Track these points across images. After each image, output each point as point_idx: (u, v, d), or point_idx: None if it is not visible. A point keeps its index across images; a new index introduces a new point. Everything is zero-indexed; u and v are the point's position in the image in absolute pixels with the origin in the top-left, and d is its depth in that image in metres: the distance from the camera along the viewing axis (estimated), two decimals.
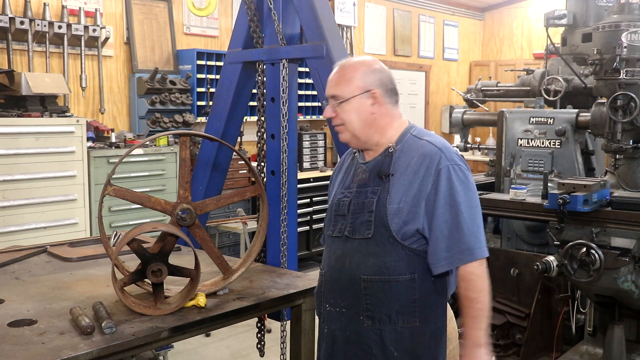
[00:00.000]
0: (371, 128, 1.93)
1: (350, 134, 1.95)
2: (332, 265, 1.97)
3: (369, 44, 8.37)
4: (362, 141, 1.96)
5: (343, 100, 1.91)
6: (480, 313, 1.83)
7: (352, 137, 1.95)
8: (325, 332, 2.00)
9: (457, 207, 1.81)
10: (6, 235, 4.21)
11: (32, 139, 4.34)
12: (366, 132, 1.94)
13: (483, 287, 1.83)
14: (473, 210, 1.84)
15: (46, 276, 2.53)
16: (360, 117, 1.92)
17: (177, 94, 5.78)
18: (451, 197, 1.82)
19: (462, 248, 1.80)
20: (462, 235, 1.80)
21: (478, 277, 1.82)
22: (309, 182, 6.62)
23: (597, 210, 3.06)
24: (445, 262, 1.82)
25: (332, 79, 1.95)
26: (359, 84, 1.91)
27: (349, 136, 1.95)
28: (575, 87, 4.46)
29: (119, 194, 2.17)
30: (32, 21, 4.90)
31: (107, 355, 1.81)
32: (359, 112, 1.92)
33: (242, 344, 4.57)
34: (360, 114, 1.92)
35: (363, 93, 1.91)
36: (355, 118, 1.92)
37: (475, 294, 1.82)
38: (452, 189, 1.82)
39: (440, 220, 1.81)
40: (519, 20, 9.87)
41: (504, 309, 3.84)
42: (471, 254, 1.81)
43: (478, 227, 1.84)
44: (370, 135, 1.94)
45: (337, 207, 1.99)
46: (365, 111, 1.92)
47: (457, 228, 1.80)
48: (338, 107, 1.93)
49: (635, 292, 3.06)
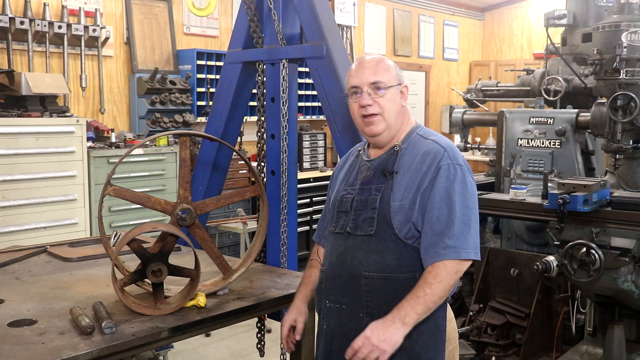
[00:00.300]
0: (400, 120, 1.97)
1: (385, 123, 1.95)
2: (333, 262, 1.98)
3: (369, 44, 8.37)
4: (392, 133, 1.97)
5: (384, 87, 1.93)
6: (426, 299, 1.76)
7: (386, 127, 1.95)
8: (324, 328, 2.00)
9: (452, 206, 1.81)
10: (6, 235, 4.21)
11: (32, 139, 4.34)
12: (398, 123, 1.97)
13: (445, 283, 1.78)
14: (468, 211, 1.83)
15: (46, 276, 2.53)
16: (396, 107, 1.95)
17: (177, 94, 5.78)
18: (447, 195, 1.82)
19: (448, 244, 1.79)
20: (451, 233, 1.79)
21: (448, 273, 1.78)
22: (309, 182, 6.62)
23: (597, 210, 3.06)
24: (428, 257, 1.81)
25: (368, 67, 1.95)
26: (395, 75, 1.96)
27: (383, 127, 1.95)
28: (575, 87, 4.46)
29: (119, 194, 2.17)
30: (32, 21, 4.90)
31: (107, 355, 1.81)
32: (395, 102, 1.95)
33: (242, 344, 4.57)
34: (396, 104, 1.95)
35: (398, 85, 1.96)
36: (393, 107, 1.95)
37: (435, 281, 1.77)
38: (449, 187, 1.82)
39: (433, 215, 1.81)
40: (519, 20, 9.87)
41: (504, 309, 3.84)
42: (455, 252, 1.79)
43: (469, 229, 1.82)
44: (399, 127, 1.98)
45: (339, 203, 2.00)
46: (398, 103, 1.96)
47: (448, 226, 1.80)
48: (377, 94, 1.93)
49: (635, 292, 3.06)
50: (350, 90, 1.99)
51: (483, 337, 3.80)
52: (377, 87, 1.93)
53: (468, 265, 1.84)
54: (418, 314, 1.77)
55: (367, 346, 1.74)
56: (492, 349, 3.77)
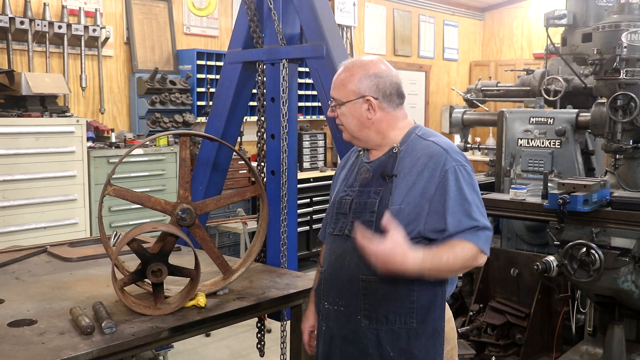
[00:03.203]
0: (369, 130, 1.95)
1: (349, 134, 1.99)
2: (331, 264, 1.98)
3: (369, 44, 8.37)
4: (363, 141, 1.98)
5: (339, 103, 1.95)
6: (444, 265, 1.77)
7: (352, 137, 1.99)
8: (323, 329, 2.00)
9: (469, 206, 1.82)
10: (6, 235, 4.21)
11: (32, 139, 4.34)
12: (364, 133, 1.95)
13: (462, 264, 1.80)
14: (481, 209, 1.86)
15: (46, 276, 2.53)
16: (356, 121, 1.94)
17: (177, 94, 5.78)
18: (462, 197, 1.82)
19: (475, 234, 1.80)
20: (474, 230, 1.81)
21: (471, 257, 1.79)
22: (309, 182, 6.62)
23: (597, 210, 3.06)
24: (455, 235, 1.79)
25: (334, 80, 1.98)
26: (353, 89, 1.92)
27: (349, 136, 2.00)
28: (575, 87, 4.46)
29: (119, 194, 2.17)
30: (32, 21, 4.90)
31: (107, 355, 1.81)
32: (355, 115, 1.94)
33: (242, 344, 4.57)
34: (356, 118, 1.94)
35: (358, 98, 1.92)
36: (351, 121, 1.95)
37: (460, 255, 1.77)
38: (461, 189, 1.82)
39: (454, 218, 1.80)
40: (519, 20, 9.86)
41: (504, 309, 3.84)
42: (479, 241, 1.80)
43: (490, 228, 1.86)
44: (370, 136, 1.96)
45: (339, 205, 1.99)
46: (361, 115, 1.93)
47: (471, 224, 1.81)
48: (337, 109, 1.97)
49: (635, 292, 3.06)
50: None
51: (483, 337, 3.80)
52: (335, 102, 1.96)
53: (483, 260, 1.84)
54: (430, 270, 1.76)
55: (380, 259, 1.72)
56: (492, 349, 3.77)
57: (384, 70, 1.93)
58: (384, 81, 1.92)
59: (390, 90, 1.93)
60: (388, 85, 1.92)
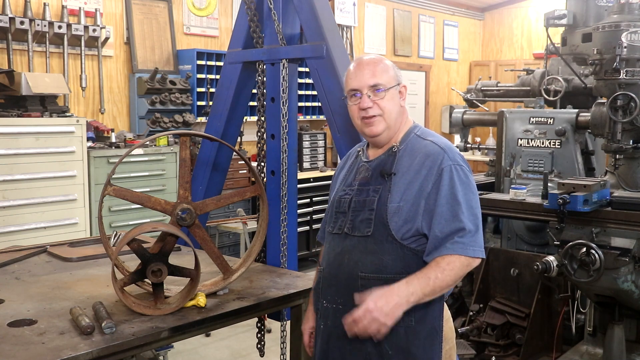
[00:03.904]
0: (400, 119, 1.98)
1: (385, 124, 1.95)
2: (330, 262, 1.98)
3: (369, 44, 8.37)
4: (392, 133, 1.98)
5: (384, 88, 1.93)
6: (435, 283, 1.77)
7: (387, 127, 1.96)
8: (322, 328, 2.01)
9: (458, 207, 1.81)
10: (6, 235, 4.21)
11: (32, 139, 4.34)
12: (398, 123, 1.98)
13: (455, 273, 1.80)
14: (473, 210, 1.85)
15: (46, 276, 2.53)
16: (395, 108, 1.96)
17: (177, 94, 5.79)
18: (452, 197, 1.82)
19: (457, 241, 1.79)
20: (461, 233, 1.80)
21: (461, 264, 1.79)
22: (309, 182, 6.62)
23: (597, 210, 3.06)
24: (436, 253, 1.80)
25: (367, 69, 1.95)
26: (393, 76, 1.96)
27: (383, 127, 1.96)
28: (575, 87, 4.46)
29: (119, 194, 2.17)
30: (32, 21, 4.90)
31: (107, 355, 1.81)
32: (395, 102, 1.96)
33: (242, 344, 4.57)
34: (397, 104, 1.97)
35: (397, 85, 1.96)
36: (393, 107, 1.95)
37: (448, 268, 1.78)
38: (453, 188, 1.82)
39: (441, 218, 1.81)
40: (519, 20, 9.87)
41: (504, 309, 3.84)
42: (464, 249, 1.80)
43: (477, 228, 1.84)
44: (398, 127, 1.98)
45: (338, 204, 2.00)
46: (397, 103, 1.97)
47: (457, 227, 1.80)
48: (376, 96, 1.94)
49: (635, 292, 3.06)
50: (349, 92, 1.98)
51: (483, 337, 3.80)
52: (377, 89, 1.93)
53: (476, 263, 1.84)
54: (424, 295, 1.77)
55: (368, 318, 1.74)
56: (492, 349, 3.77)
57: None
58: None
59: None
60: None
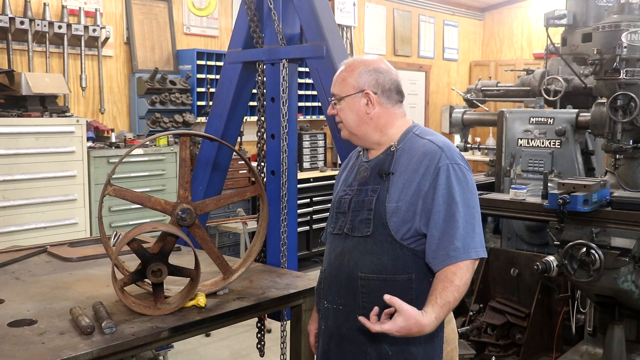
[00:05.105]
0: (368, 126, 1.95)
1: (347, 131, 1.99)
2: (331, 262, 1.98)
3: (369, 44, 8.37)
4: (361, 138, 1.98)
5: (339, 98, 1.96)
6: (455, 303, 1.76)
7: (350, 134, 1.99)
8: (323, 328, 2.01)
9: (455, 206, 1.80)
10: (6, 235, 4.21)
11: (32, 139, 4.34)
12: (362, 129, 1.96)
13: (466, 283, 1.79)
14: (470, 210, 1.82)
15: (46, 276, 2.53)
16: (355, 116, 1.95)
17: (177, 94, 5.79)
18: (449, 196, 1.81)
19: (457, 246, 1.77)
20: (458, 234, 1.78)
21: (468, 273, 1.79)
22: (309, 182, 6.62)
23: (597, 210, 3.06)
24: (438, 261, 1.79)
25: (334, 78, 2.00)
26: (353, 84, 1.93)
27: (347, 133, 2.00)
28: (575, 87, 4.46)
29: (119, 194, 2.17)
30: (32, 21, 4.90)
31: (107, 355, 1.81)
32: (354, 110, 1.95)
33: (242, 344, 4.57)
34: (354, 113, 1.95)
35: (357, 93, 1.93)
36: (350, 116, 1.95)
37: (462, 284, 1.77)
38: (450, 187, 1.81)
39: (437, 217, 1.80)
40: (519, 20, 9.87)
41: (504, 309, 3.84)
42: (466, 253, 1.78)
43: (474, 227, 1.82)
44: (368, 133, 1.96)
45: (338, 204, 2.00)
46: (360, 110, 1.94)
47: (453, 226, 1.79)
48: (337, 105, 1.97)
49: (635, 292, 3.06)
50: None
51: (483, 337, 3.80)
52: (334, 98, 1.98)
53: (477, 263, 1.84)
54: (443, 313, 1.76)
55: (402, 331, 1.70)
56: (492, 349, 3.77)
57: (383, 67, 1.95)
58: (383, 77, 1.93)
59: (390, 86, 1.94)
60: (387, 81, 1.93)
